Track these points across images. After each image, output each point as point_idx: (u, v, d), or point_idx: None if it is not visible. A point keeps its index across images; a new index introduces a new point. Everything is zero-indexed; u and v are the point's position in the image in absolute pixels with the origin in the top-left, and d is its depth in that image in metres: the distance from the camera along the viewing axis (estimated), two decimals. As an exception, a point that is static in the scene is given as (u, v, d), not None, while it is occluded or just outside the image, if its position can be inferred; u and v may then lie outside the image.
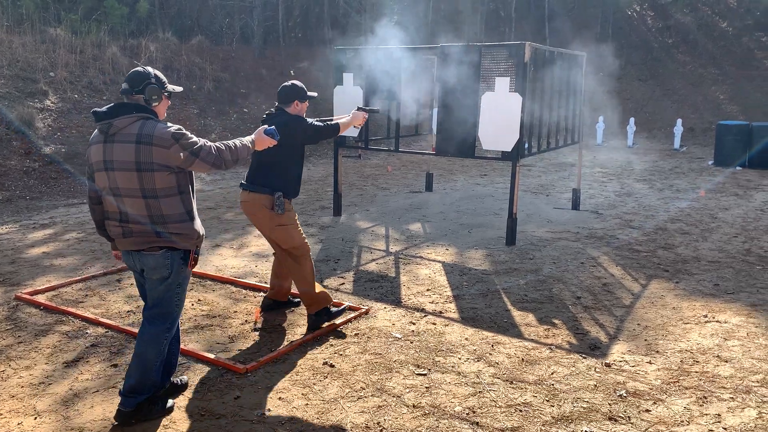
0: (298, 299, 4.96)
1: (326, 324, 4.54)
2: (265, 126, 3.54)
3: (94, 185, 3.23)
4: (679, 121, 16.15)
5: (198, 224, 3.29)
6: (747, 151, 12.95)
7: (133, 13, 17.31)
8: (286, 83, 4.59)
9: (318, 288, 4.55)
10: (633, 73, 20.61)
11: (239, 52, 17.86)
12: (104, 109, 3.13)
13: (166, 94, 3.26)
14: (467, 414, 3.42)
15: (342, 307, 4.74)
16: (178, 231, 3.16)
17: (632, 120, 16.86)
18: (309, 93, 4.59)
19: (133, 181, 3.06)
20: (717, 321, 4.80)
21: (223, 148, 3.21)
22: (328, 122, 4.66)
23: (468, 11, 23.71)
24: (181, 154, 3.07)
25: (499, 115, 6.59)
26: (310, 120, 4.51)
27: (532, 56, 6.60)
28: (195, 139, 3.14)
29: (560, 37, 16.89)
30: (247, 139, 3.38)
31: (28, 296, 5.09)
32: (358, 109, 4.90)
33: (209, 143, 3.18)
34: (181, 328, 3.65)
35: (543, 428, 3.29)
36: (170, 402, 3.47)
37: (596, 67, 19.82)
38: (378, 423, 3.32)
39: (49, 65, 12.43)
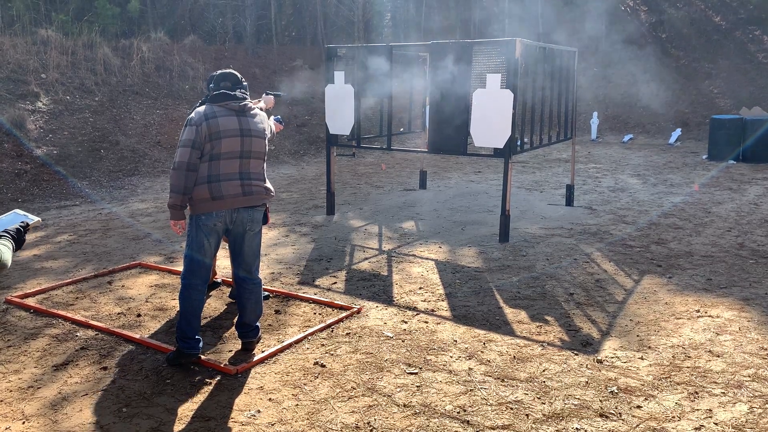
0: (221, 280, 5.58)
1: None
2: (272, 116, 4.71)
3: (198, 152, 3.80)
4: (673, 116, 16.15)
5: None
6: (740, 145, 12.96)
7: (125, 13, 17.23)
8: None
9: None
10: (627, 68, 20.60)
11: (232, 51, 17.79)
12: (235, 93, 3.98)
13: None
14: (458, 412, 3.40)
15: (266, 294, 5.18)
16: (270, 187, 4.12)
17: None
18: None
19: (262, 146, 4.05)
20: (709, 316, 4.79)
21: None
22: None
23: (460, 7, 23.66)
24: (273, 128, 4.42)
25: (491, 111, 6.57)
26: None
27: (523, 52, 6.58)
28: None
29: (553, 33, 16.88)
30: (271, 122, 4.53)
31: (18, 299, 5.06)
32: (266, 94, 5.49)
33: None
34: (171, 331, 3.63)
35: (534, 426, 3.28)
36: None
37: (589, 62, 19.84)
38: (368, 423, 3.31)
39: (41, 66, 12.36)
